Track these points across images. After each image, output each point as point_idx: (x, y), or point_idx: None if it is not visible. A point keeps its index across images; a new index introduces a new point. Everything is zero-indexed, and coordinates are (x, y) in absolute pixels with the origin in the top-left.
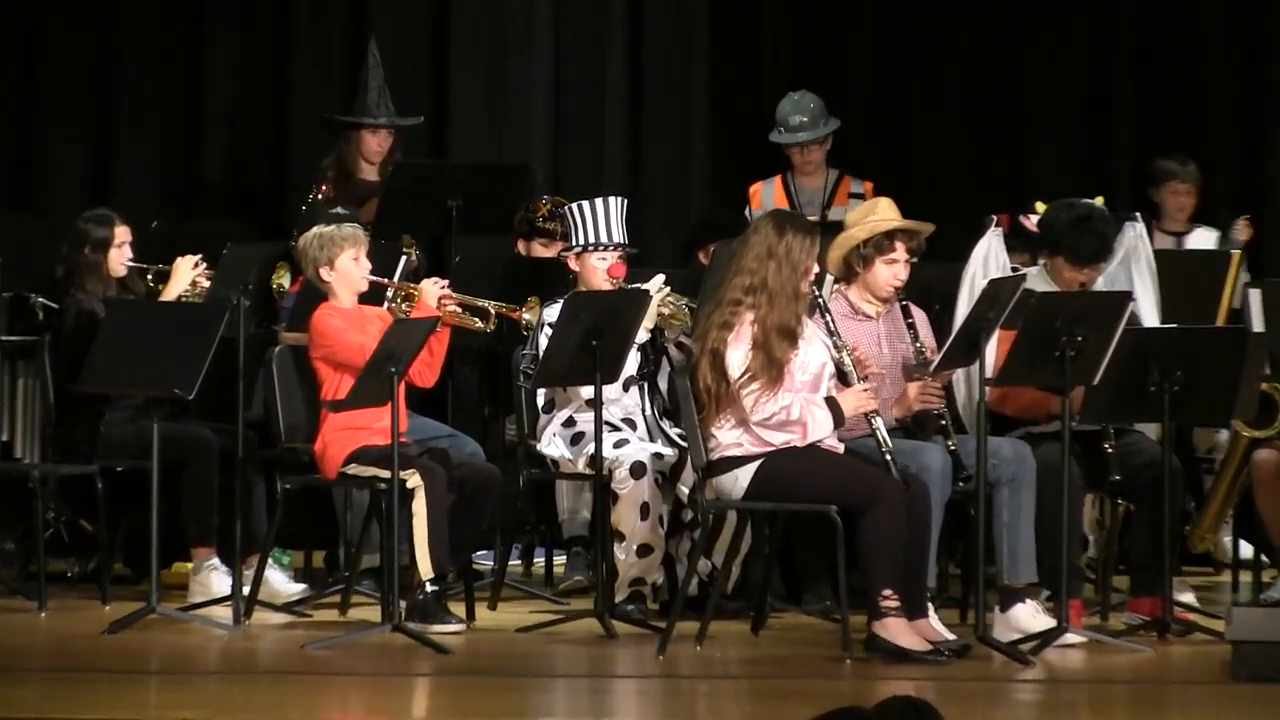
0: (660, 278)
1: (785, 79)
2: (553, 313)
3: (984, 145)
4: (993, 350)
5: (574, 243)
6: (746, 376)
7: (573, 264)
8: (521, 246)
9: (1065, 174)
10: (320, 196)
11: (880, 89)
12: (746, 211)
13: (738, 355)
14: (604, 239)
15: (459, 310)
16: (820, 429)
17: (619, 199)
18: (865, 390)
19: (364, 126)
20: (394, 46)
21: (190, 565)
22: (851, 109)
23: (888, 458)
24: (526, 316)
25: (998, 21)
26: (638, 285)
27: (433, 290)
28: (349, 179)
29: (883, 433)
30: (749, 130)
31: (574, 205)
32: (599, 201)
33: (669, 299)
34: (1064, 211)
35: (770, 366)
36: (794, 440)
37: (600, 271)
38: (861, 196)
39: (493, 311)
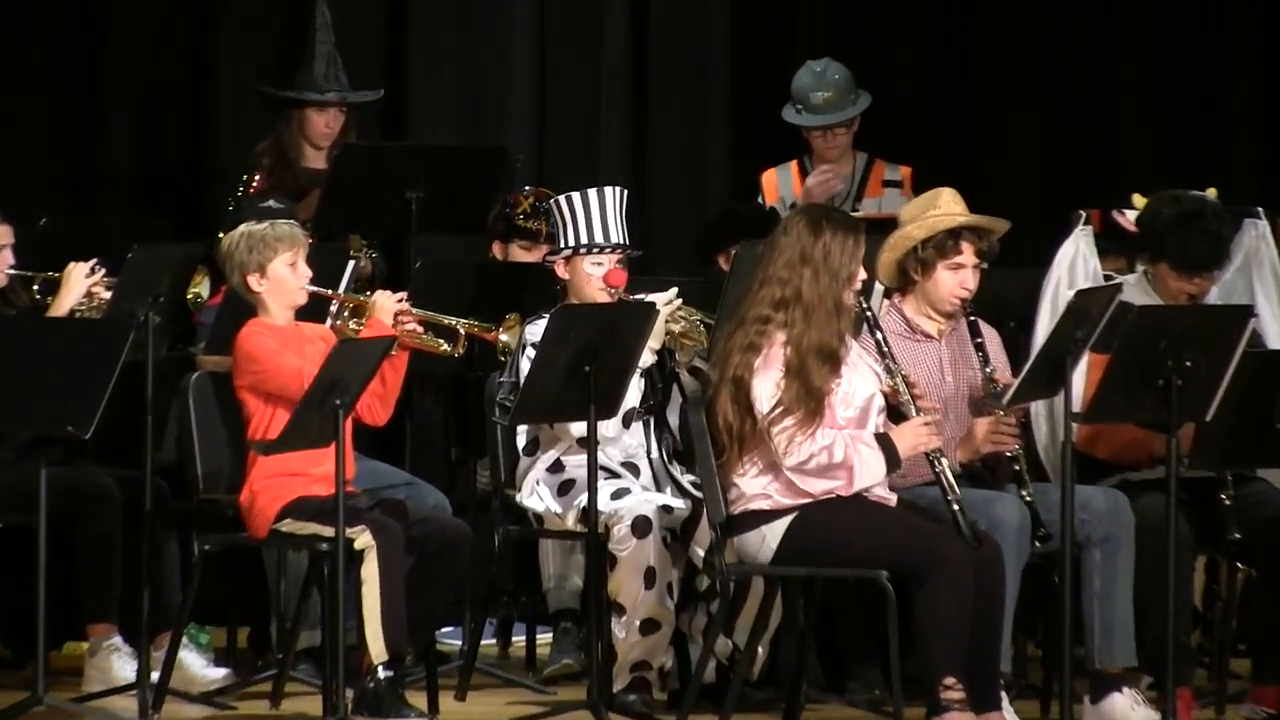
0: (673, 291)
1: (822, 42)
2: (536, 331)
3: (1068, 123)
4: (1081, 378)
5: (562, 244)
6: (778, 411)
7: (561, 270)
8: (497, 249)
9: (1170, 161)
10: (252, 188)
11: (935, 53)
12: (759, 204)
13: (767, 385)
14: (599, 239)
15: (419, 330)
16: (869, 474)
17: (617, 190)
18: (925, 424)
19: (309, 103)
20: (343, 5)
21: (86, 645)
22: (900, 76)
23: (955, 509)
24: (504, 338)
25: None
26: (641, 297)
27: (387, 304)
28: (289, 167)
29: (949, 477)
30: (775, 109)
31: (562, 199)
32: (592, 194)
33: (680, 313)
34: (1168, 206)
35: (808, 398)
36: (837, 489)
37: (595, 279)
38: (898, 185)
39: (462, 332)
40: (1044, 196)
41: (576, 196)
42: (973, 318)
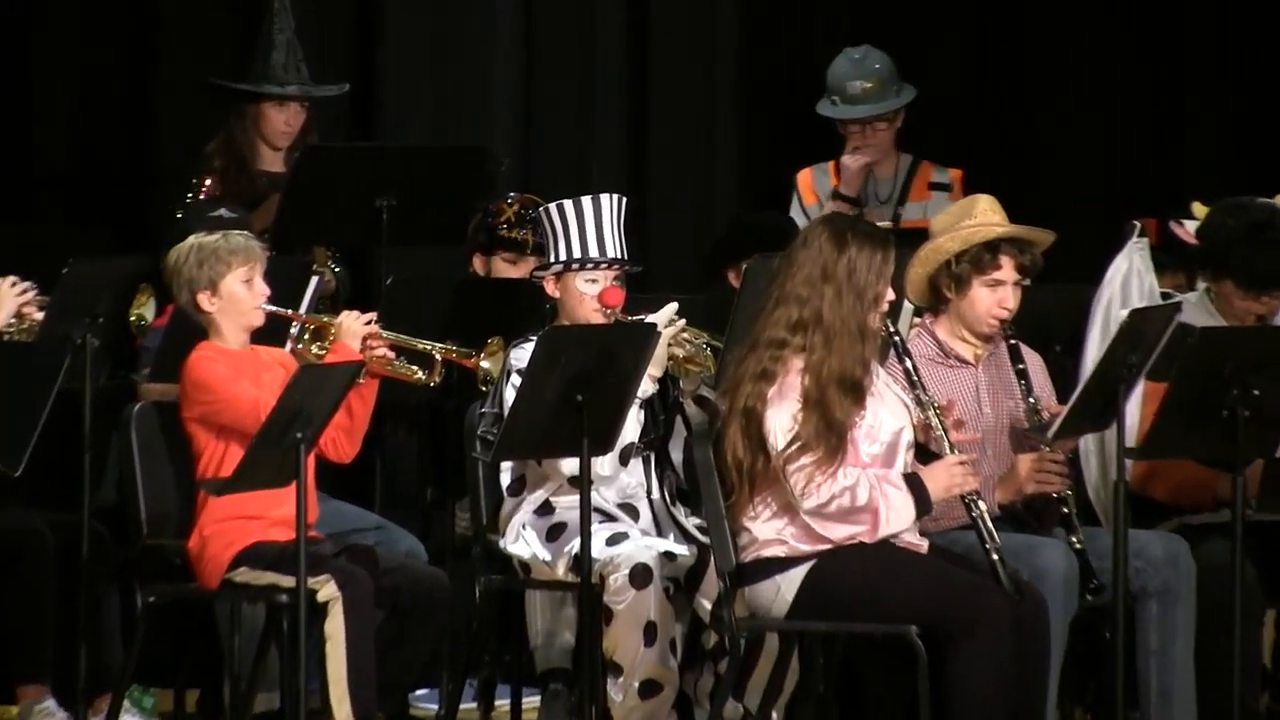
0: (672, 307)
1: (846, 27)
2: (522, 356)
3: (1122, 123)
4: (1135, 409)
5: (552, 259)
6: (795, 447)
7: (550, 288)
8: (479, 264)
9: (1234, 165)
10: (202, 194)
11: (975, 47)
12: (794, 206)
13: (782, 418)
14: (594, 253)
15: (391, 355)
16: (897, 519)
17: (613, 198)
18: (960, 464)
19: (267, 98)
20: None
21: (15, 710)
22: (936, 73)
23: (994, 558)
24: (485, 365)
25: None
26: (641, 317)
27: (354, 327)
28: (243, 170)
29: (987, 523)
30: (794, 104)
31: (552, 207)
32: (586, 202)
33: (684, 336)
34: (1233, 216)
35: (828, 433)
36: (860, 534)
37: (589, 299)
38: (946, 188)
39: (438, 358)
40: (1093, 204)
41: (568, 205)
42: (1013, 341)
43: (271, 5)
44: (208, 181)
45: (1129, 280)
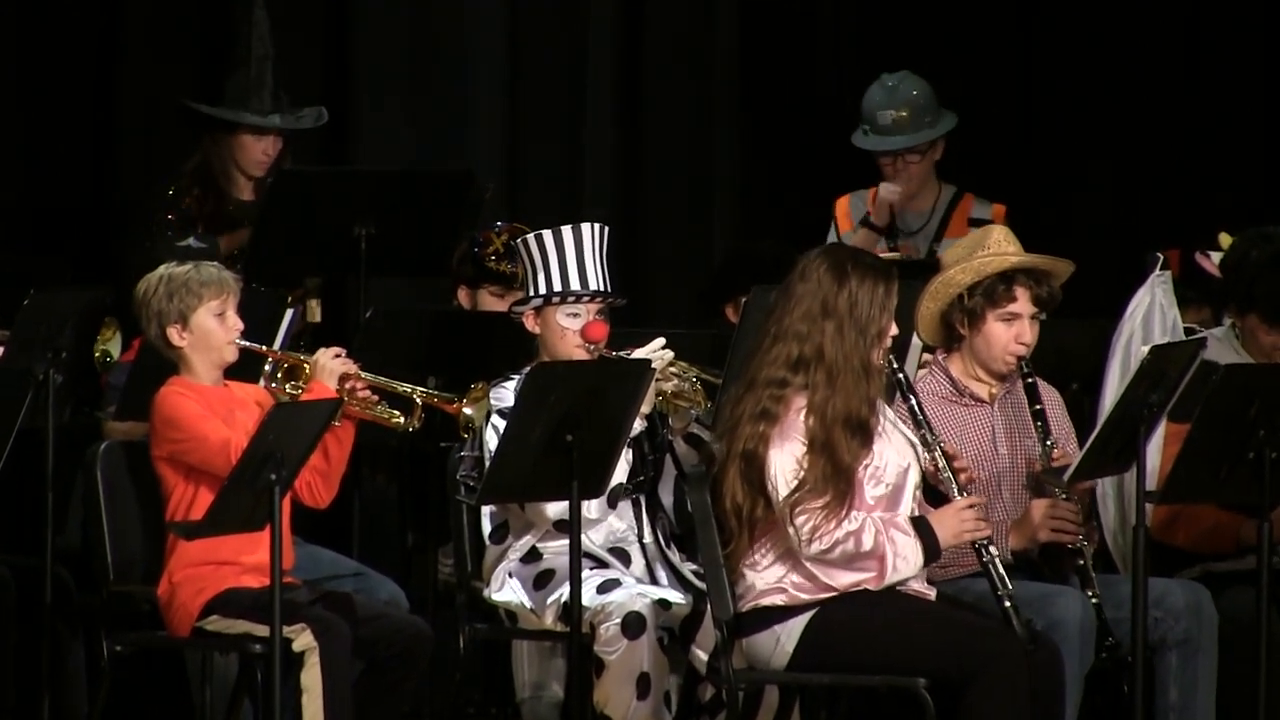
0: (659, 341)
1: (850, 37)
2: (503, 396)
3: (1143, 150)
4: (1156, 451)
5: (530, 292)
6: (801, 493)
7: (530, 324)
8: (464, 296)
9: (1261, 195)
10: (173, 219)
11: (991, 69)
12: (831, 233)
13: (786, 460)
14: (575, 285)
15: (370, 397)
16: (905, 565)
17: (595, 227)
18: (969, 507)
19: (248, 128)
20: (274, 4)
21: None
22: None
23: (1006, 605)
24: (468, 411)
25: None
26: (626, 352)
27: (331, 365)
28: (219, 198)
29: (999, 569)
30: (796, 127)
31: (530, 238)
32: (566, 231)
33: (672, 370)
34: (1258, 247)
35: (836, 478)
36: (866, 581)
37: (571, 333)
38: (988, 225)
39: (419, 401)
40: (1113, 234)
41: (547, 235)
42: (1031, 379)
43: (251, 30)
44: (185, 204)
45: (1150, 315)
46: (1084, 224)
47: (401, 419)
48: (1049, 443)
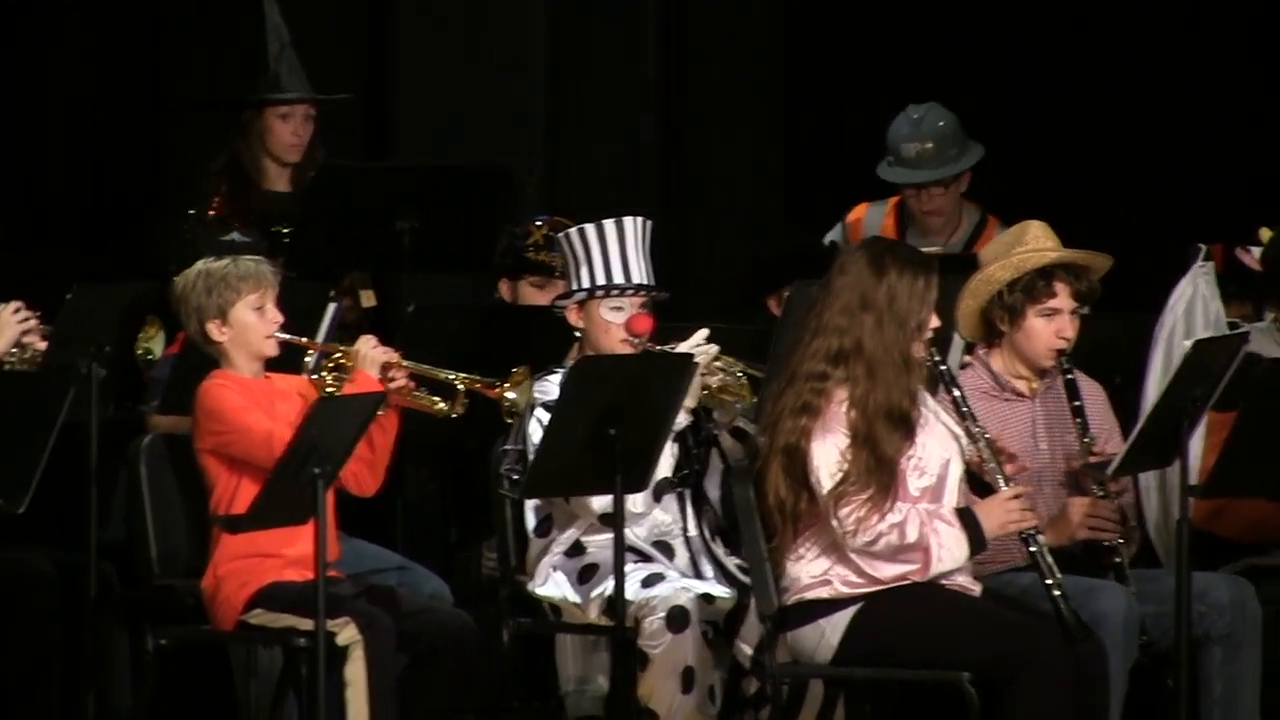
0: (703, 333)
1: (894, 45)
2: (547, 389)
3: (1186, 145)
4: (1199, 444)
5: (574, 286)
6: (845, 486)
7: (574, 318)
8: (505, 289)
9: None
10: (210, 215)
11: (1017, 52)
12: (835, 234)
13: (829, 454)
14: (618, 279)
15: (412, 386)
16: (950, 556)
17: (638, 221)
18: (1015, 497)
19: (269, 103)
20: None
21: None
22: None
23: (1056, 595)
24: (511, 395)
25: None
26: (670, 346)
27: (373, 354)
28: (250, 190)
29: (1047, 558)
30: (840, 120)
31: (573, 232)
32: (609, 225)
33: (718, 364)
34: None
35: (879, 470)
36: (911, 573)
37: (615, 327)
38: None
39: (461, 388)
40: (1154, 229)
41: (590, 229)
42: (1070, 375)
43: (264, 20)
44: (215, 202)
45: (1193, 308)
46: (1124, 218)
47: (444, 405)
48: (1087, 439)
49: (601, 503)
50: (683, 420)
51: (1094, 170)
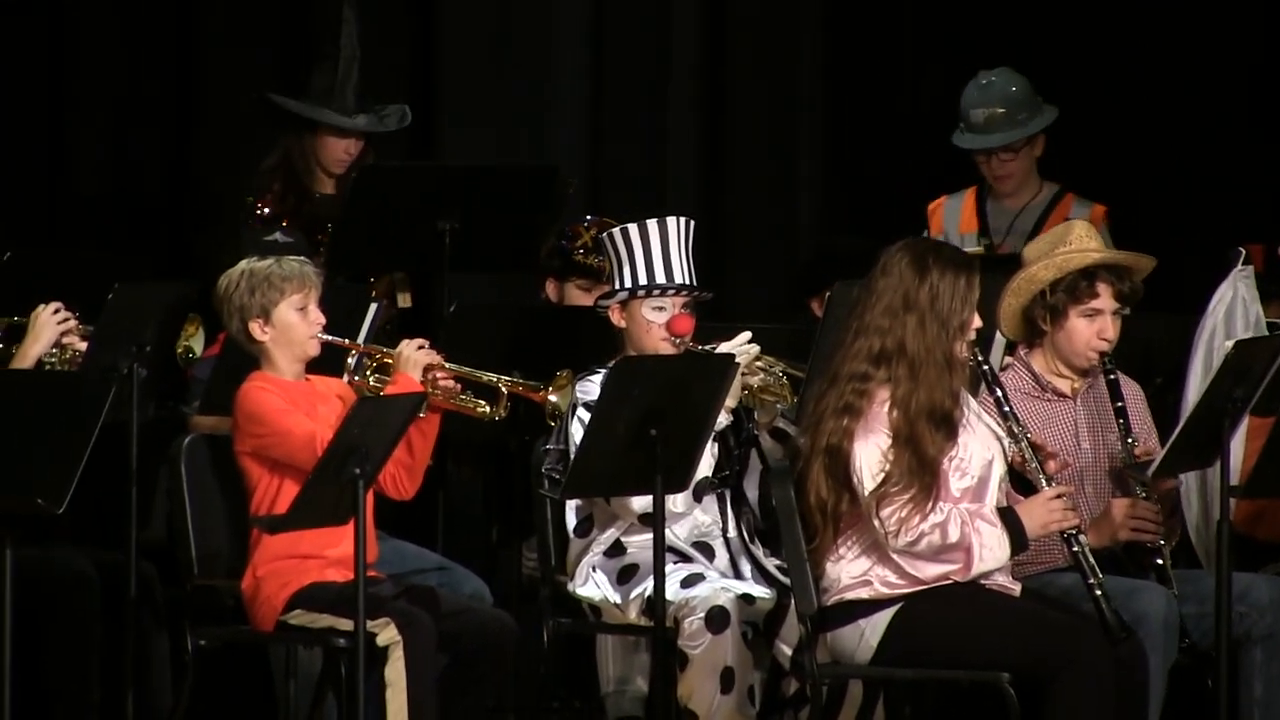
0: (745, 335)
1: (936, 41)
2: (589, 390)
3: (1228, 145)
4: (1239, 445)
5: (616, 286)
6: (887, 487)
7: (616, 318)
8: (551, 290)
9: None
10: (258, 215)
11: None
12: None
13: (871, 454)
14: (660, 279)
15: (454, 387)
16: (992, 555)
17: (680, 220)
18: (1058, 497)
19: (329, 128)
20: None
21: None
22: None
23: (1098, 594)
24: (554, 399)
25: None
26: (711, 346)
27: (415, 356)
28: (301, 195)
29: (1089, 558)
30: (882, 121)
31: (616, 232)
32: (651, 224)
33: (758, 364)
34: None
35: (922, 471)
36: (953, 573)
37: (656, 327)
38: None
39: (504, 390)
40: (1196, 228)
41: (632, 229)
42: (1113, 376)
43: (340, 25)
44: (268, 200)
45: (1233, 311)
46: (1167, 219)
47: (486, 408)
48: (1130, 440)
49: (642, 503)
50: (724, 420)
51: (1138, 170)
